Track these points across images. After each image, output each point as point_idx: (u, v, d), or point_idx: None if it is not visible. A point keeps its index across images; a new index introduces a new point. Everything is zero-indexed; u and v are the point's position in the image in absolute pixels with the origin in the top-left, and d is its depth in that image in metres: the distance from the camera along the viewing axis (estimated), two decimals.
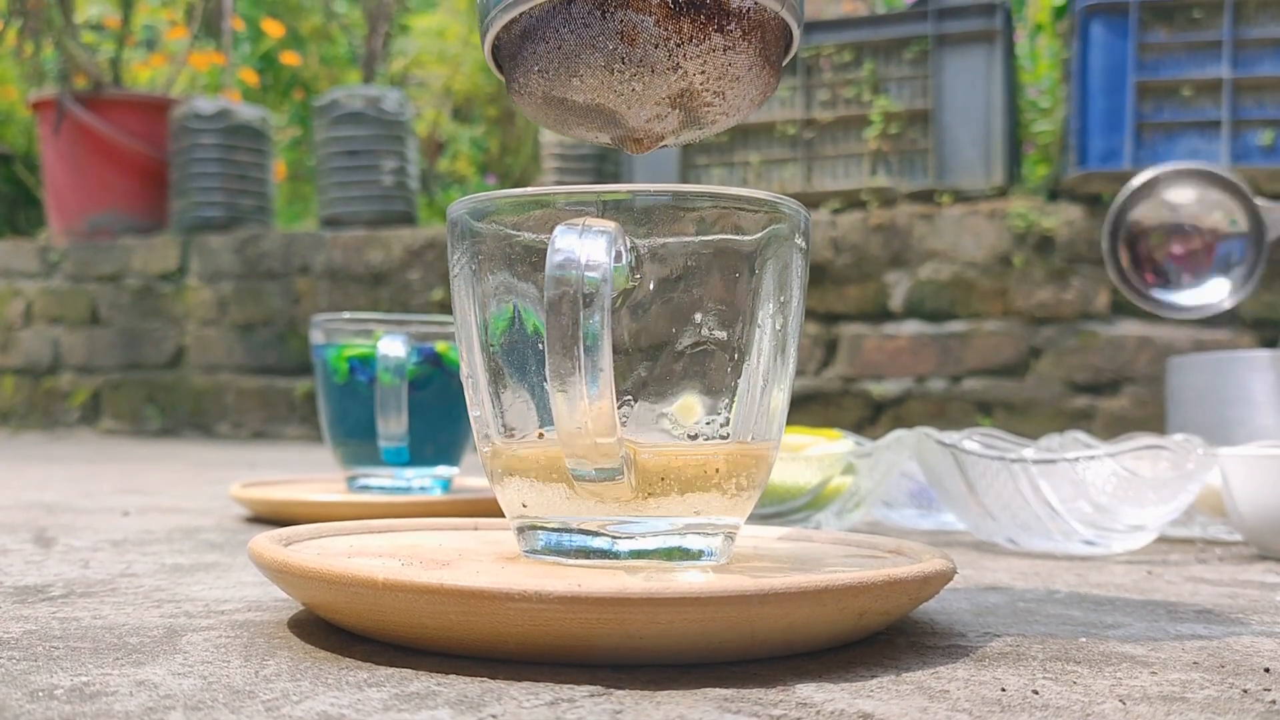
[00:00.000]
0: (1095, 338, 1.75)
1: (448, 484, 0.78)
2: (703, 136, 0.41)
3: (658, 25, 0.37)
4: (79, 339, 2.42)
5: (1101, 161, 1.71)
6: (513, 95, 0.40)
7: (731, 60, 0.38)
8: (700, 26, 0.37)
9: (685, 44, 0.37)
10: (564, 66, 0.38)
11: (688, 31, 0.37)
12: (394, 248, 2.21)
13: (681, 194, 0.36)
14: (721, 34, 0.37)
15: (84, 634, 0.36)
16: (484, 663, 0.32)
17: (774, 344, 0.38)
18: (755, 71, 0.38)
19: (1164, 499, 0.60)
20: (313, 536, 0.44)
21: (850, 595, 0.32)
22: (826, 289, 1.87)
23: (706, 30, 0.37)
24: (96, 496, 0.90)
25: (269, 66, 3.43)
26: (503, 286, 0.37)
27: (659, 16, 0.37)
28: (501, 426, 0.38)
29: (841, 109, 1.93)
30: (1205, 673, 0.33)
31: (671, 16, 0.37)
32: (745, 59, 0.38)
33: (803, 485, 0.65)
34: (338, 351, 0.75)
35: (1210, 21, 1.69)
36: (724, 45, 0.37)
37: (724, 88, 0.38)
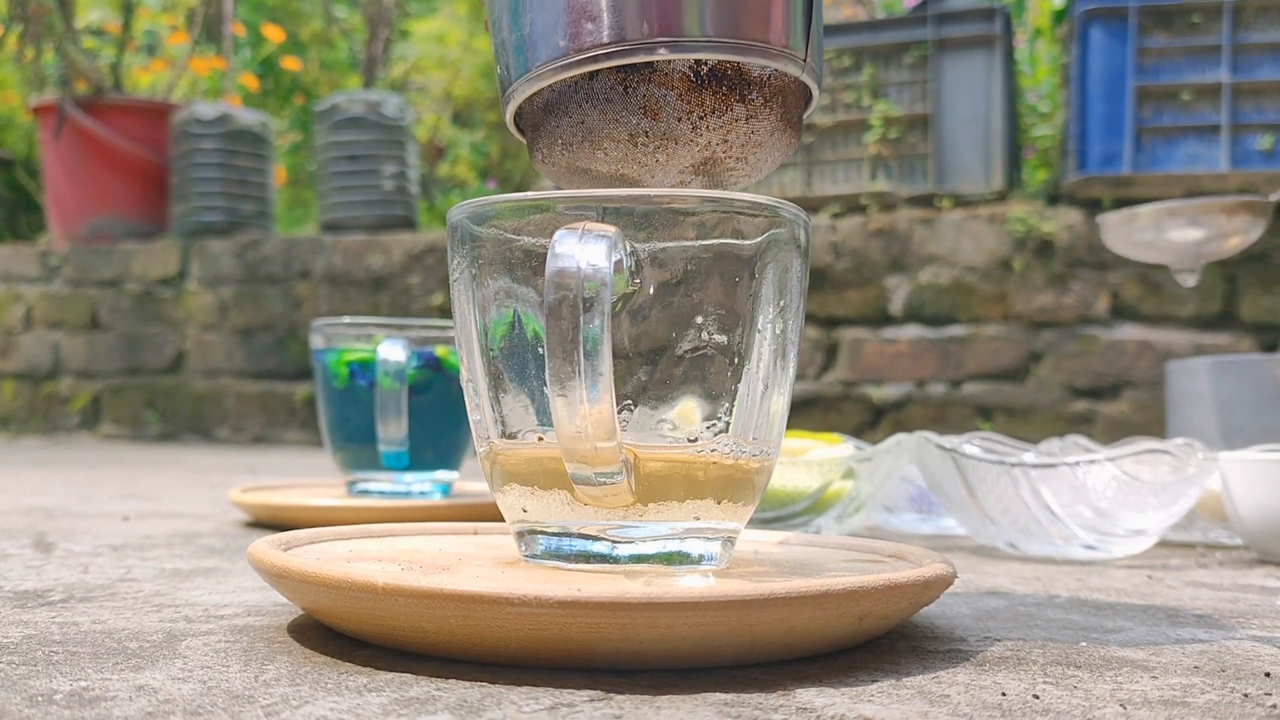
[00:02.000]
0: (1095, 342, 1.75)
1: (447, 488, 0.78)
2: None
3: (680, 99, 0.36)
4: (79, 343, 2.42)
5: (1101, 166, 1.71)
6: (535, 162, 0.40)
7: (754, 128, 0.37)
8: (722, 98, 0.37)
9: (708, 116, 0.37)
10: (587, 140, 0.38)
11: (710, 104, 0.37)
12: (394, 252, 2.21)
13: (681, 199, 0.36)
14: (744, 103, 0.37)
15: (83, 639, 0.36)
16: (484, 667, 0.32)
17: (774, 348, 0.38)
18: (777, 135, 0.38)
19: (1164, 503, 0.60)
20: (312, 541, 0.44)
21: (850, 600, 0.32)
22: (826, 293, 1.87)
23: (729, 101, 0.37)
24: (96, 501, 0.90)
25: (269, 71, 3.44)
26: (503, 291, 0.37)
27: (681, 90, 0.36)
28: (501, 431, 0.38)
29: (841, 114, 1.93)
30: (1206, 677, 0.33)
31: (694, 90, 0.36)
32: (768, 125, 0.38)
33: (803, 490, 0.65)
34: (338, 356, 0.75)
35: (1209, 26, 1.69)
36: (746, 114, 0.37)
37: (747, 154, 0.38)
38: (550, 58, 0.36)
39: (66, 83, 2.54)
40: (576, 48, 0.36)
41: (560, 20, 0.36)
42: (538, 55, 0.37)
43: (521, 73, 0.38)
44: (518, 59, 0.38)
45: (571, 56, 0.36)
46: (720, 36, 0.36)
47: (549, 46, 0.36)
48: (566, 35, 0.36)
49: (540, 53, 0.37)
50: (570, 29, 0.36)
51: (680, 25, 0.35)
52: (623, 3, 0.35)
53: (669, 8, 0.35)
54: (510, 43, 0.38)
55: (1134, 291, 1.74)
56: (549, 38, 0.36)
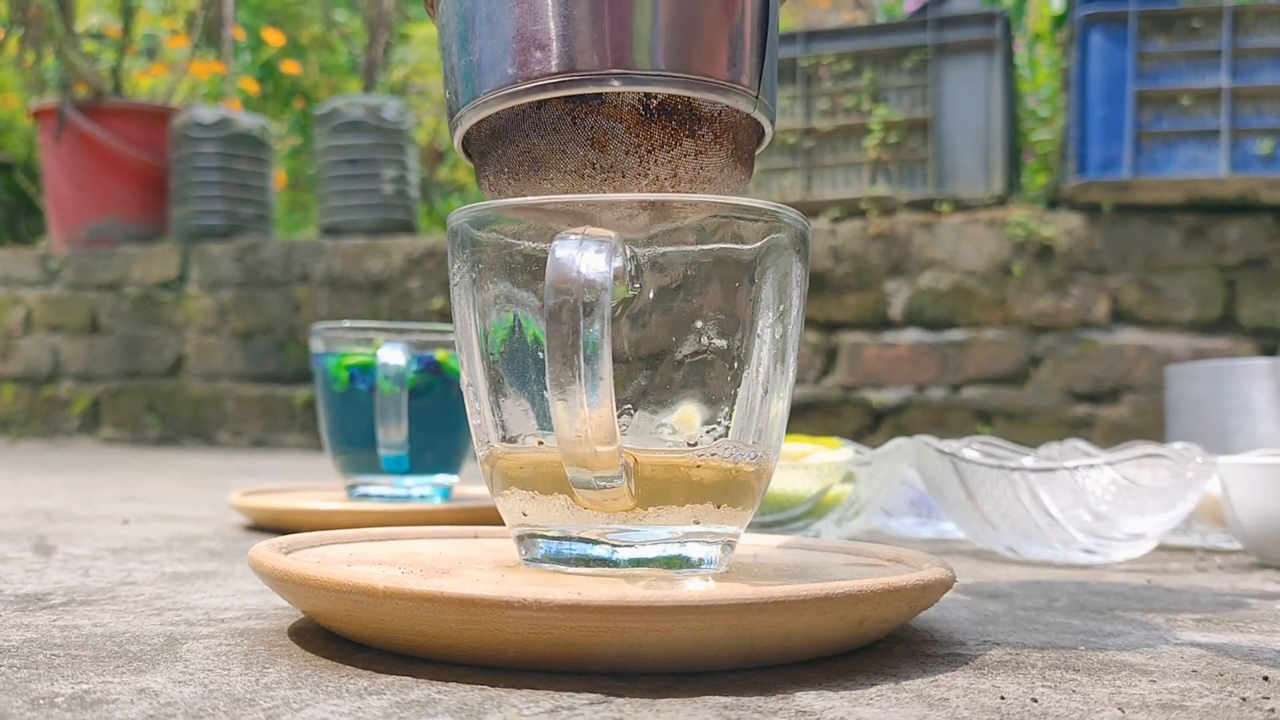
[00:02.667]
0: (1095, 346, 1.75)
1: (448, 492, 0.78)
2: None
3: (629, 132, 0.36)
4: (79, 347, 2.42)
5: (1101, 170, 1.71)
6: (483, 189, 0.39)
7: (703, 163, 0.37)
8: (671, 133, 0.36)
9: (656, 150, 0.36)
10: (534, 170, 0.37)
11: (659, 138, 0.36)
12: (394, 256, 2.21)
13: (681, 203, 0.36)
14: (693, 139, 0.37)
15: (84, 642, 0.36)
16: (484, 670, 0.32)
17: (774, 352, 0.38)
18: (728, 171, 0.38)
19: (1163, 507, 0.60)
20: (313, 544, 0.44)
21: (850, 603, 0.32)
22: (826, 297, 1.87)
23: (678, 136, 0.36)
24: (96, 504, 0.90)
25: (269, 75, 3.44)
26: (503, 295, 0.37)
27: (630, 123, 0.36)
28: (502, 435, 0.38)
29: (841, 118, 1.93)
30: (1204, 681, 0.33)
31: (643, 123, 0.36)
32: (717, 160, 0.37)
33: (802, 494, 0.65)
34: (338, 360, 0.75)
35: (1209, 31, 1.69)
36: (695, 150, 0.37)
37: (696, 189, 0.37)
38: (498, 85, 0.36)
39: (66, 86, 2.54)
40: (525, 76, 0.35)
41: (509, 48, 0.36)
42: (485, 83, 0.36)
43: (469, 99, 0.37)
44: (465, 85, 0.37)
45: (520, 85, 0.36)
46: (672, 70, 0.35)
47: (497, 74, 0.36)
48: (515, 63, 0.35)
49: (488, 80, 0.36)
50: (519, 57, 0.35)
51: (631, 58, 0.35)
52: (573, 33, 0.35)
53: (620, 40, 0.35)
54: (459, 69, 0.37)
55: (1133, 296, 1.74)
56: (498, 65, 0.36)
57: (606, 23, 0.35)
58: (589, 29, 0.35)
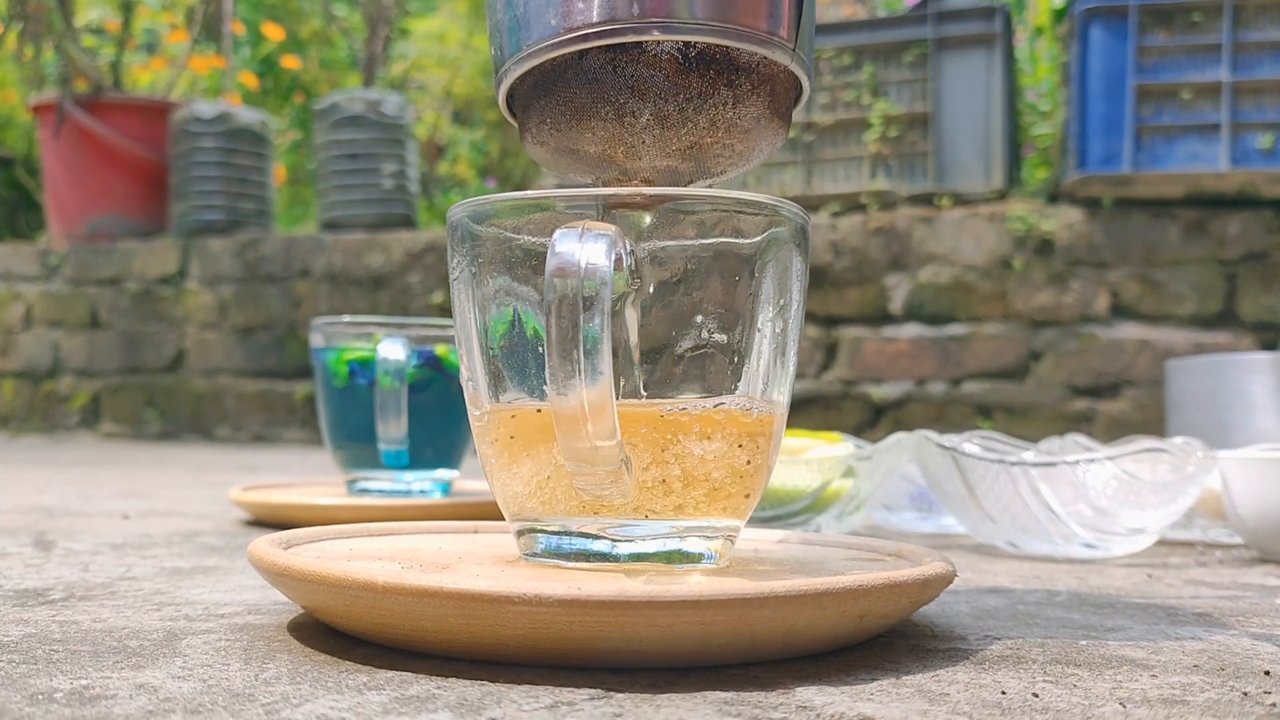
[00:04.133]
0: (1095, 341, 1.75)
1: (447, 487, 0.78)
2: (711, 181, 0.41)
3: (667, 80, 0.37)
4: (79, 342, 2.42)
5: (1101, 165, 1.71)
6: (526, 144, 0.40)
7: (740, 113, 0.38)
8: (710, 82, 0.37)
9: (695, 98, 0.37)
10: (575, 119, 0.38)
11: (697, 86, 0.37)
12: (394, 251, 2.21)
13: (681, 197, 0.36)
14: (730, 88, 0.37)
15: (84, 637, 0.36)
16: (484, 666, 0.32)
17: (774, 347, 0.38)
18: (764, 124, 0.39)
19: (1164, 502, 0.60)
20: (312, 540, 0.44)
21: (850, 598, 0.32)
22: (826, 292, 1.87)
23: (716, 85, 0.37)
24: (96, 500, 0.90)
25: (269, 70, 3.44)
26: (503, 290, 0.37)
27: (669, 72, 0.37)
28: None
29: (841, 112, 1.93)
30: (1205, 675, 0.33)
31: (681, 72, 0.37)
32: (754, 112, 0.38)
33: (803, 488, 0.65)
34: (338, 355, 0.75)
35: (1210, 25, 1.69)
36: (733, 99, 0.37)
37: (733, 139, 0.38)
38: (542, 37, 0.37)
39: (66, 81, 2.54)
40: (568, 27, 0.36)
41: (553, 1, 0.37)
42: (530, 35, 0.37)
43: (514, 52, 0.38)
44: (511, 39, 0.38)
45: (562, 35, 0.37)
46: (711, 20, 0.36)
47: (541, 26, 0.37)
48: (559, 15, 0.37)
49: (533, 32, 0.37)
50: (562, 8, 0.36)
51: (670, 8, 0.36)
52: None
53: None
54: (504, 24, 0.38)
55: (1134, 290, 1.74)
56: (541, 17, 0.37)
57: None
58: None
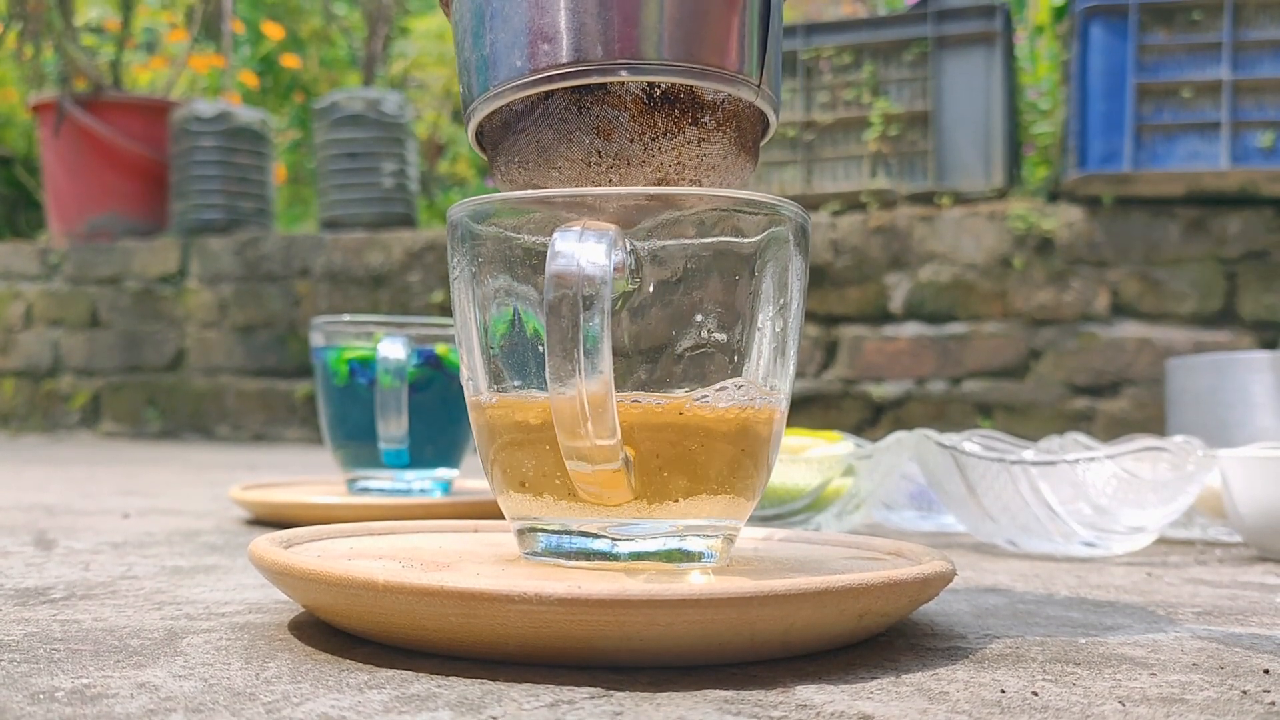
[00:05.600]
0: (1095, 339, 1.75)
1: (448, 486, 0.78)
2: None
3: (633, 120, 0.37)
4: (79, 341, 2.42)
5: (1101, 163, 1.71)
6: (495, 180, 0.41)
7: (706, 151, 0.38)
8: (675, 120, 0.37)
9: (660, 138, 0.37)
10: (543, 158, 0.38)
11: (662, 126, 0.37)
12: (394, 250, 2.21)
13: (681, 197, 0.36)
14: (696, 127, 0.38)
15: (84, 636, 0.36)
16: (484, 664, 0.32)
17: (774, 346, 0.38)
18: (731, 159, 0.39)
19: (1164, 500, 0.60)
20: (313, 539, 0.44)
21: (850, 597, 0.32)
22: (826, 291, 1.87)
23: (681, 124, 0.37)
24: (97, 499, 0.90)
25: (269, 69, 3.44)
26: (503, 289, 0.37)
27: (634, 112, 0.37)
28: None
29: (841, 111, 1.93)
30: (1205, 674, 0.33)
31: (646, 111, 0.37)
32: (720, 149, 0.38)
33: (803, 487, 0.65)
34: (338, 354, 0.75)
35: (1210, 23, 1.69)
36: (699, 137, 0.38)
37: (700, 176, 0.38)
38: (509, 77, 0.37)
39: (66, 80, 2.54)
40: (534, 68, 0.36)
41: (520, 41, 0.37)
42: (497, 75, 0.37)
43: (482, 91, 0.38)
44: (478, 78, 0.38)
45: (529, 76, 0.37)
46: (676, 60, 0.36)
47: (508, 66, 0.37)
48: (525, 56, 0.37)
49: (500, 72, 0.37)
50: (529, 49, 0.37)
51: (638, 49, 0.36)
52: (581, 25, 0.36)
53: (627, 31, 0.36)
54: (472, 63, 0.39)
55: (1134, 289, 1.74)
56: (508, 58, 0.37)
57: (613, 14, 0.36)
58: (595, 21, 0.36)
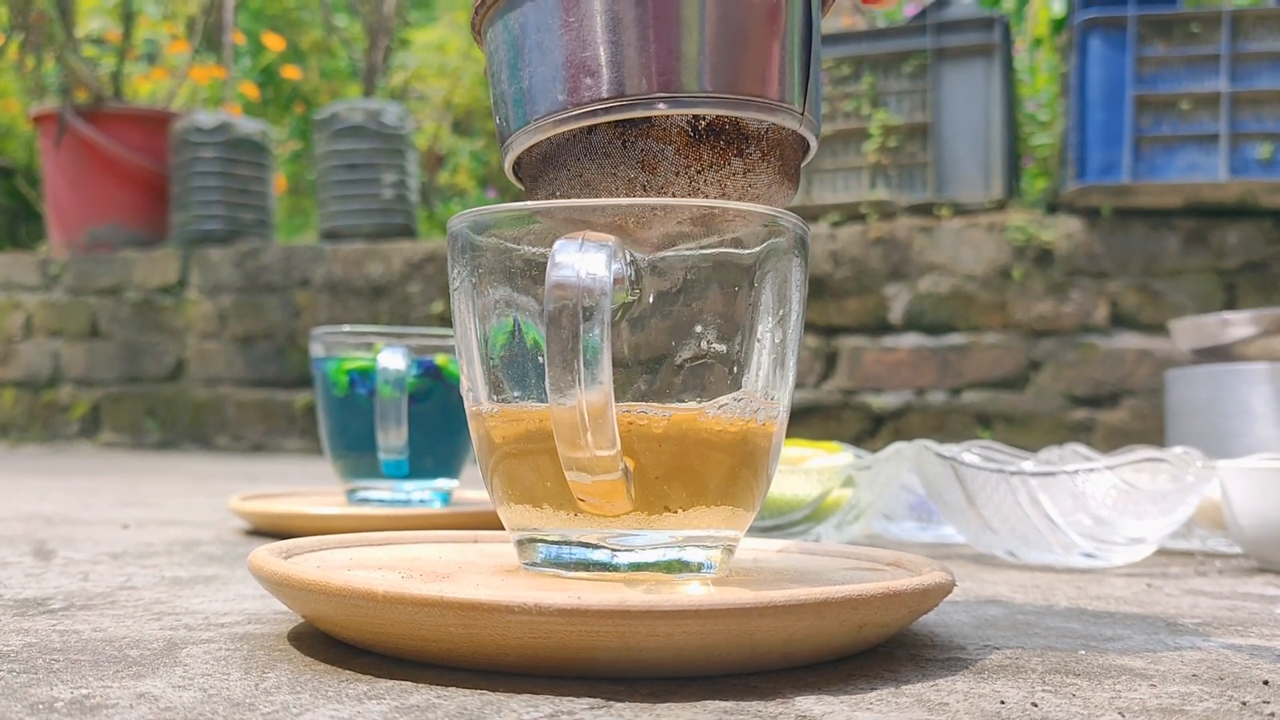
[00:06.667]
0: (1094, 350, 1.75)
1: (447, 496, 0.78)
2: None
3: (678, 154, 0.36)
4: (79, 352, 2.42)
5: (1100, 175, 1.71)
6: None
7: (752, 181, 0.37)
8: (720, 153, 0.37)
9: (705, 170, 0.37)
10: (585, 193, 0.37)
11: (708, 158, 0.37)
12: (394, 261, 2.21)
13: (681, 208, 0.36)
14: (741, 158, 0.37)
15: (84, 646, 0.36)
16: (484, 675, 0.32)
17: (773, 357, 0.38)
18: (775, 187, 0.38)
19: (1163, 512, 0.60)
20: (313, 549, 0.44)
21: (850, 608, 0.32)
22: (826, 302, 1.87)
23: (726, 156, 0.37)
24: (96, 509, 0.90)
25: (269, 80, 3.44)
26: (503, 300, 0.37)
27: (679, 145, 0.36)
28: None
29: (841, 122, 1.93)
30: (1204, 685, 0.33)
31: (691, 145, 0.36)
32: (765, 178, 0.38)
33: (802, 498, 0.65)
34: (337, 364, 0.75)
35: (1208, 36, 1.69)
36: (744, 168, 0.37)
37: None
38: (549, 111, 0.37)
39: (67, 91, 2.55)
40: (575, 102, 0.36)
41: (559, 75, 0.36)
42: (536, 109, 0.37)
43: (520, 125, 0.38)
44: (516, 111, 0.38)
45: (570, 110, 0.36)
46: (718, 92, 0.36)
47: (548, 100, 0.36)
48: (565, 89, 0.36)
49: (539, 106, 0.37)
50: (569, 83, 0.36)
51: (679, 81, 0.35)
52: (622, 58, 0.36)
53: (667, 64, 0.35)
54: (509, 95, 0.38)
55: (1133, 300, 1.74)
56: (548, 91, 0.36)
57: (653, 47, 0.36)
58: (636, 54, 0.36)
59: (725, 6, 0.36)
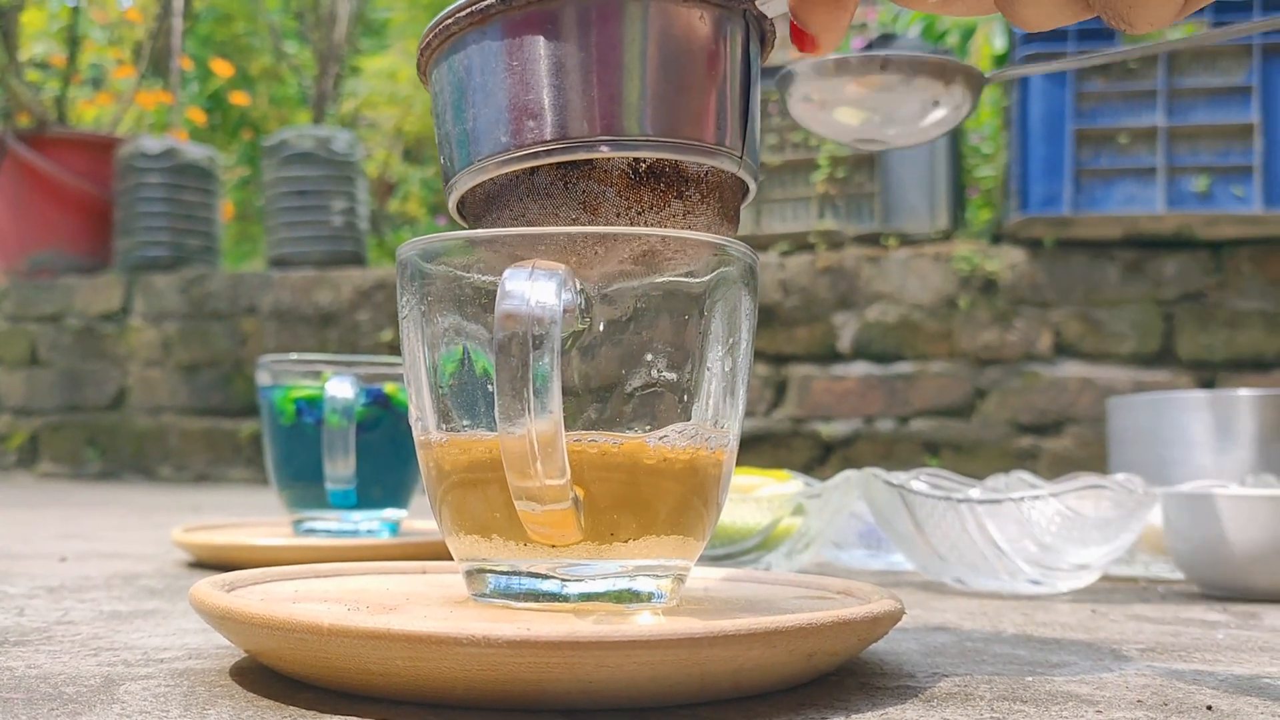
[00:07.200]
0: (1038, 379, 1.78)
1: (396, 527, 0.77)
2: None
3: (619, 195, 0.37)
4: (17, 380, 2.37)
5: (1042, 206, 1.74)
6: None
7: (691, 222, 0.38)
8: (660, 194, 0.37)
9: (646, 211, 0.37)
10: None
11: (648, 200, 0.37)
12: (343, 288, 2.19)
13: (631, 237, 0.36)
14: (681, 200, 0.38)
15: (17, 684, 0.35)
16: (432, 709, 0.32)
17: (723, 385, 0.38)
18: (714, 228, 0.39)
19: (1107, 538, 0.61)
20: (257, 581, 0.43)
21: (800, 637, 0.32)
22: (775, 330, 1.88)
23: (666, 198, 0.37)
24: (33, 542, 0.87)
25: (217, 106, 3.42)
26: (452, 328, 0.37)
27: (620, 187, 0.37)
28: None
29: (789, 153, 1.95)
30: (1149, 711, 0.34)
31: (632, 186, 0.37)
32: (705, 219, 0.38)
33: (753, 526, 0.66)
34: (284, 393, 0.74)
35: (1145, 72, 1.74)
36: (684, 210, 0.38)
37: (685, 245, 0.38)
38: (492, 152, 0.37)
39: (9, 115, 2.51)
40: (518, 143, 0.36)
41: (503, 116, 0.37)
42: (480, 149, 0.37)
43: (464, 165, 0.38)
44: (460, 152, 0.38)
45: (513, 152, 0.37)
46: (659, 135, 0.36)
47: (491, 141, 0.37)
48: (509, 131, 0.37)
49: (483, 147, 0.37)
50: (513, 125, 0.36)
51: (620, 124, 0.36)
52: (565, 102, 0.36)
53: (609, 107, 0.36)
54: (453, 136, 0.38)
55: (1075, 329, 1.77)
56: (492, 133, 0.37)
57: (596, 91, 0.36)
58: (579, 97, 0.36)
59: (666, 52, 0.37)
